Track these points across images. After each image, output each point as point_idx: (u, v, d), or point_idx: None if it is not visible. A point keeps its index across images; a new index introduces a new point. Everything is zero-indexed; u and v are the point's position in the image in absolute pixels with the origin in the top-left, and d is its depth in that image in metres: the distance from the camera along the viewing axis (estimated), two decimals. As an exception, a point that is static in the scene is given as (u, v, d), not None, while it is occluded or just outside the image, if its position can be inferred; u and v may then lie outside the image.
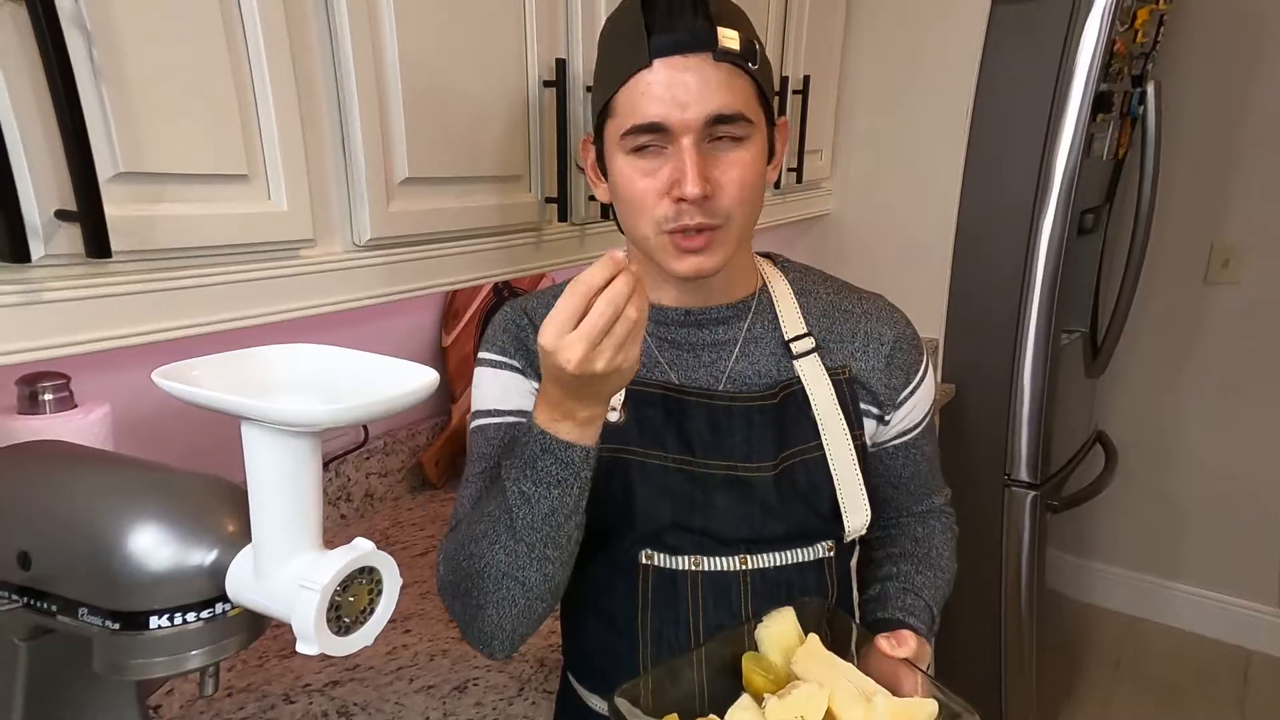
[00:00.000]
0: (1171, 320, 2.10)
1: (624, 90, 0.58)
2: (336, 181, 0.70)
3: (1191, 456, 2.15)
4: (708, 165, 0.58)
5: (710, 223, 0.59)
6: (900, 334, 0.71)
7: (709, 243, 0.60)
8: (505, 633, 0.61)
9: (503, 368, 0.69)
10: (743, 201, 0.60)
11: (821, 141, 1.61)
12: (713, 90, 0.56)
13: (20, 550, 0.47)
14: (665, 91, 0.56)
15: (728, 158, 0.58)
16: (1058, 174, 1.45)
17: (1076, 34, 1.38)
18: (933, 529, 0.78)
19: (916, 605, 0.71)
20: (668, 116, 0.56)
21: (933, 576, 0.73)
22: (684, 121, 0.56)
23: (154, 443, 0.86)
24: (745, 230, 0.62)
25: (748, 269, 0.70)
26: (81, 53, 0.50)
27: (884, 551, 0.77)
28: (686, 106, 0.56)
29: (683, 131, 0.57)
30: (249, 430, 0.41)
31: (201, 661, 0.47)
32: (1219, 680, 2.05)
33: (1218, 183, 1.99)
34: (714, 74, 0.56)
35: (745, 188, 0.59)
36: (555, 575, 0.60)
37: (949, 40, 1.52)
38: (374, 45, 0.69)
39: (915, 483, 0.77)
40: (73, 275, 0.52)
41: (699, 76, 0.56)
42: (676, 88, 0.56)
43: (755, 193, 0.61)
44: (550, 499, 0.56)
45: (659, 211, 0.59)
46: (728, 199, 0.59)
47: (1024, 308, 1.53)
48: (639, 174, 0.59)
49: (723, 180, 0.58)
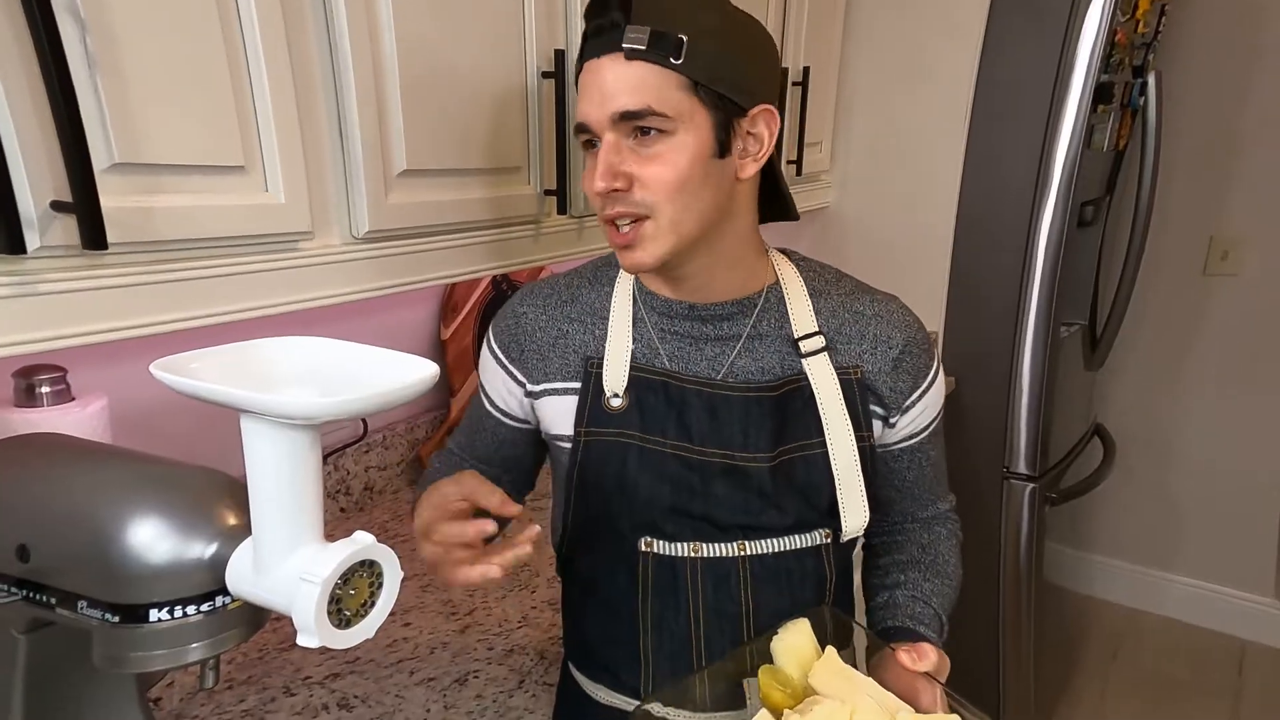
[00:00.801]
0: (1171, 313, 2.11)
1: (579, 92, 0.62)
2: (334, 173, 0.70)
3: (1190, 449, 2.16)
4: (625, 160, 0.59)
5: (630, 211, 0.60)
6: (910, 338, 0.69)
7: (637, 236, 0.61)
8: None
9: (498, 362, 0.73)
10: (668, 195, 0.59)
11: (821, 134, 1.60)
12: (619, 89, 0.58)
13: (19, 543, 0.47)
14: (588, 92, 0.60)
15: (644, 152, 0.59)
16: (1058, 165, 1.45)
17: (1077, 24, 1.37)
18: (938, 535, 0.77)
19: (926, 614, 0.70)
20: (588, 115, 0.60)
21: (940, 584, 0.73)
22: (599, 120, 0.59)
23: (152, 436, 0.86)
24: (685, 225, 0.61)
25: (751, 266, 0.68)
26: (75, 41, 0.49)
27: (890, 559, 0.76)
28: (600, 105, 0.59)
29: (601, 129, 0.59)
30: (248, 423, 0.41)
31: (201, 654, 0.47)
32: (1215, 671, 2.07)
33: (1218, 174, 1.99)
34: (625, 73, 0.58)
35: (668, 181, 0.59)
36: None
37: (949, 31, 1.51)
38: (371, 36, 0.69)
39: (920, 487, 0.76)
40: (69, 267, 0.52)
41: (612, 75, 0.58)
42: (592, 89, 0.59)
43: (685, 185, 0.59)
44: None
45: (595, 204, 0.62)
46: (646, 192, 0.60)
47: (1023, 300, 1.53)
48: (587, 170, 0.62)
49: (641, 174, 0.59)
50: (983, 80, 1.50)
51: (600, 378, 0.67)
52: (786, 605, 0.67)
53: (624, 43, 0.57)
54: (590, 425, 0.66)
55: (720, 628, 0.66)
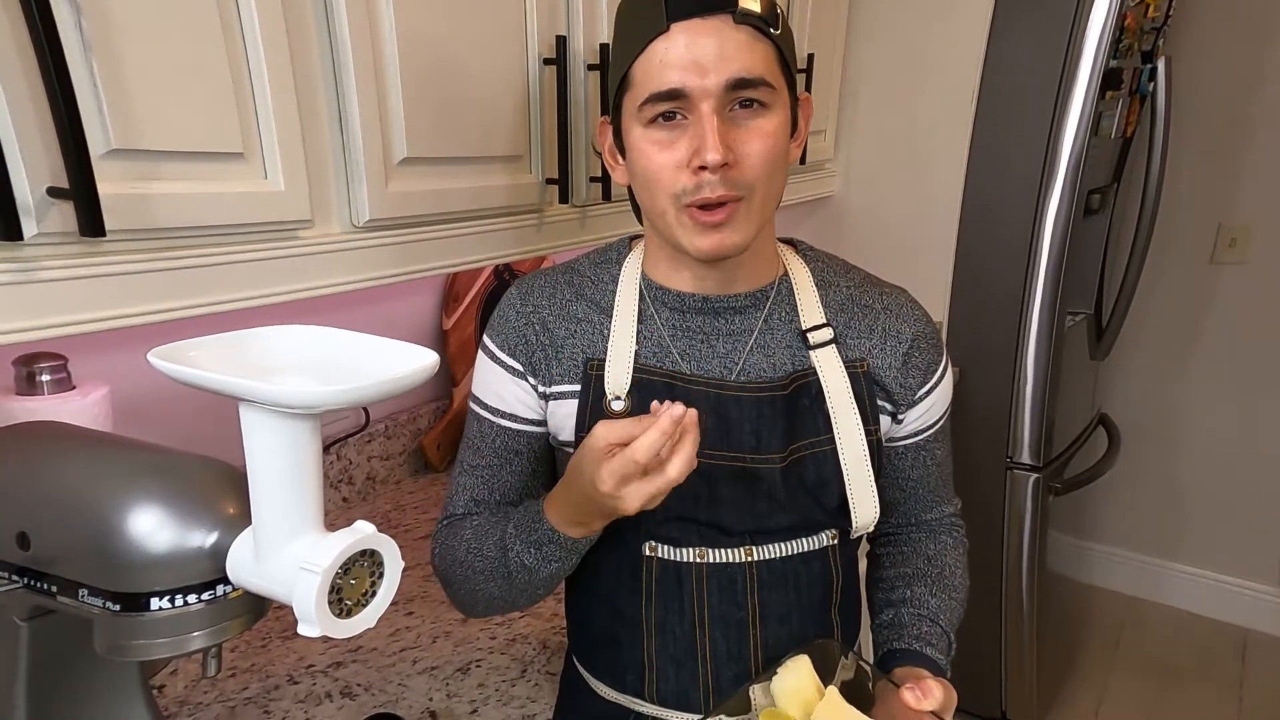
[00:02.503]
0: (1177, 301, 2.09)
1: (641, 59, 0.55)
2: (334, 161, 0.69)
3: (1195, 438, 2.15)
4: (729, 133, 0.55)
5: (732, 194, 0.56)
6: (919, 332, 0.68)
7: (730, 216, 0.57)
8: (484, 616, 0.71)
9: (501, 366, 0.68)
10: (766, 174, 0.57)
11: (825, 122, 1.59)
12: (733, 53, 0.53)
13: (19, 531, 0.47)
14: (684, 56, 0.53)
15: (750, 126, 0.56)
16: (1065, 153, 1.43)
17: (1086, 9, 1.35)
18: (944, 545, 0.75)
19: (933, 633, 0.68)
20: (686, 82, 0.54)
21: (947, 599, 0.71)
22: (703, 87, 0.54)
23: (153, 424, 0.86)
24: (768, 206, 0.60)
25: (770, 255, 0.67)
26: (70, 25, 0.48)
27: (895, 571, 0.74)
28: (706, 71, 0.53)
29: (702, 97, 0.54)
30: (248, 412, 0.41)
31: (203, 643, 0.47)
32: (1218, 660, 2.07)
33: (1227, 161, 1.97)
34: (734, 36, 0.53)
35: (769, 159, 0.56)
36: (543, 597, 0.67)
37: (955, 17, 1.49)
38: (371, 21, 0.68)
39: (924, 488, 0.74)
40: (67, 254, 0.52)
41: (719, 39, 0.53)
42: (695, 51, 0.53)
43: (779, 166, 0.58)
44: (550, 570, 0.62)
45: (678, 184, 0.57)
46: (750, 170, 0.56)
47: (1029, 289, 1.52)
48: (657, 146, 0.57)
49: (745, 150, 0.56)
50: (989, 67, 1.48)
51: (601, 380, 0.64)
52: (792, 609, 0.66)
53: (740, 4, 0.53)
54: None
55: (725, 633, 0.65)
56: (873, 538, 0.81)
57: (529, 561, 0.61)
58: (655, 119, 0.57)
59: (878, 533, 0.79)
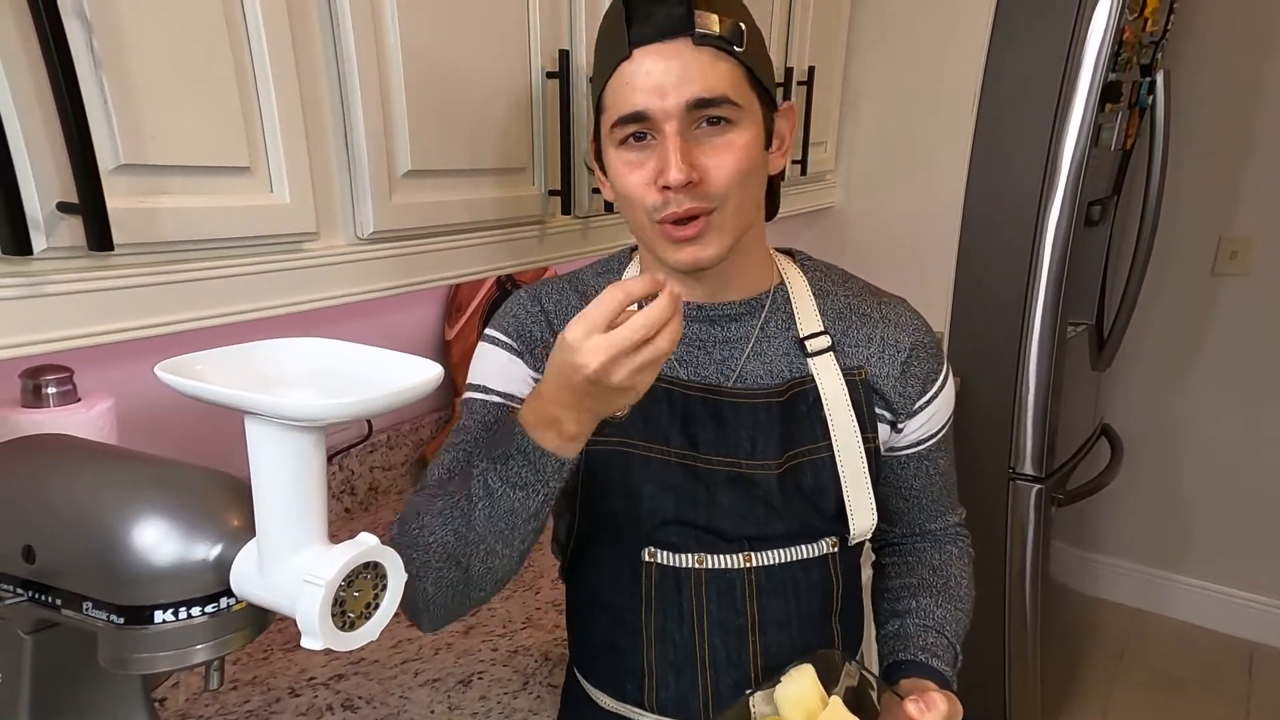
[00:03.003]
0: (1179, 312, 2.09)
1: (610, 83, 0.58)
2: (339, 174, 0.70)
3: (1198, 449, 2.14)
4: (694, 151, 0.57)
5: (700, 206, 0.58)
6: (918, 341, 0.68)
7: (701, 231, 0.58)
8: (436, 609, 0.60)
9: (503, 348, 0.68)
10: (735, 185, 0.58)
11: (826, 133, 1.60)
12: (694, 75, 0.55)
13: (24, 544, 0.47)
14: (645, 80, 0.56)
15: (715, 142, 0.57)
16: (1065, 165, 1.44)
17: (1085, 22, 1.37)
18: (949, 555, 0.75)
19: (939, 644, 0.68)
20: (649, 105, 0.56)
21: (953, 610, 0.71)
22: (664, 109, 0.56)
23: (157, 437, 0.86)
24: (742, 217, 0.61)
25: (762, 263, 0.68)
26: (81, 42, 0.49)
27: (900, 581, 0.74)
28: (666, 93, 0.55)
29: (664, 119, 0.56)
30: (252, 425, 0.41)
31: (206, 656, 0.47)
32: (1223, 673, 2.05)
33: (1227, 173, 1.97)
34: (694, 58, 0.55)
35: (736, 172, 0.58)
36: (499, 569, 0.59)
37: (955, 30, 1.51)
38: (376, 36, 0.69)
39: (928, 498, 0.74)
40: (75, 268, 0.52)
41: (680, 61, 0.55)
42: (655, 75, 0.55)
43: (749, 177, 0.59)
44: (512, 499, 0.55)
45: (649, 201, 0.59)
46: (717, 183, 0.57)
47: (1030, 300, 1.52)
48: (629, 166, 0.59)
49: (710, 165, 0.57)
50: (989, 79, 1.49)
51: None
52: (792, 616, 0.66)
53: (697, 27, 0.54)
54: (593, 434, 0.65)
55: (725, 639, 0.65)
56: (877, 548, 0.81)
57: (492, 482, 0.55)
58: (626, 140, 0.59)
59: (882, 543, 0.79)
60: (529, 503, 0.55)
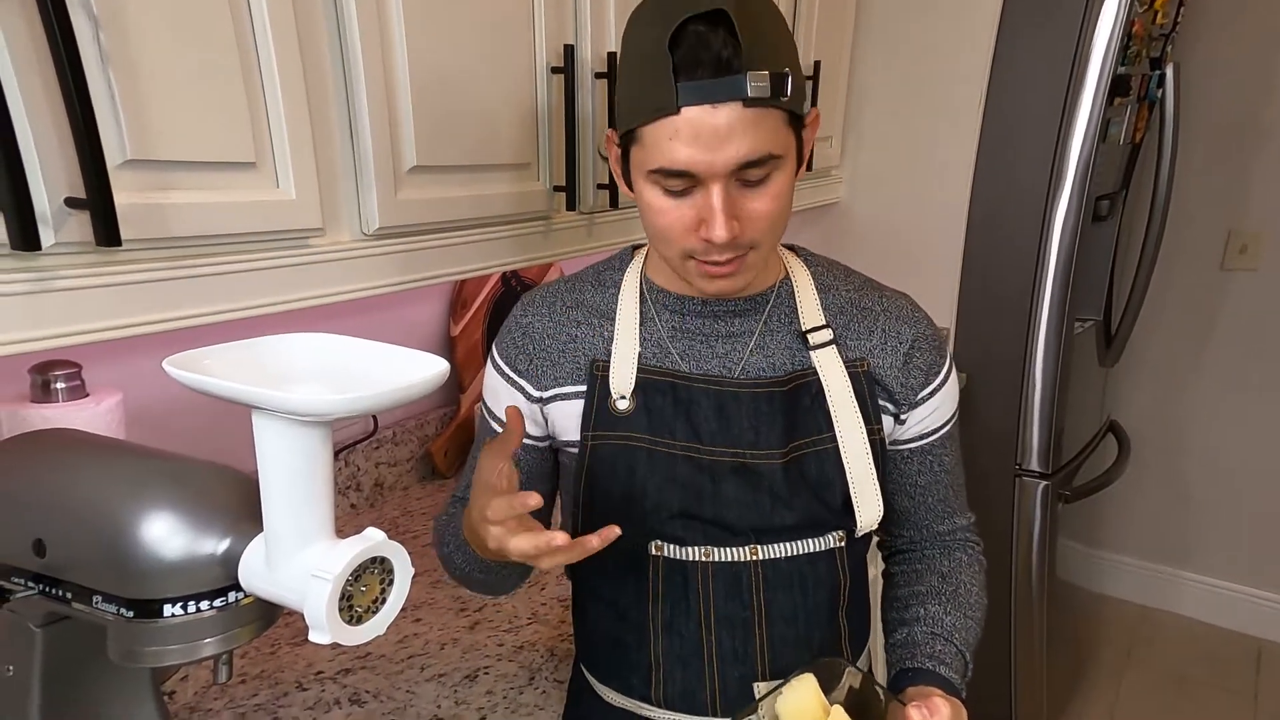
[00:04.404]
0: (1187, 308, 2.08)
1: (650, 127, 0.56)
2: (345, 170, 0.70)
3: (1205, 446, 2.13)
4: (735, 205, 0.57)
5: (739, 254, 0.59)
6: (920, 333, 0.69)
7: (739, 268, 0.60)
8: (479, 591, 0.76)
9: (502, 376, 0.72)
10: (771, 229, 0.60)
11: (832, 129, 1.59)
12: (741, 136, 0.54)
13: (35, 538, 0.47)
14: (692, 140, 0.54)
15: (756, 192, 0.58)
16: (1072, 159, 1.43)
17: (1094, 15, 1.35)
18: (959, 562, 0.74)
19: (948, 652, 0.67)
20: (694, 164, 0.55)
21: (962, 617, 0.70)
22: (711, 169, 0.55)
23: (165, 432, 0.86)
24: (774, 248, 0.64)
25: (771, 260, 0.68)
26: (88, 38, 0.49)
27: (909, 589, 0.73)
28: (714, 155, 0.54)
29: (711, 178, 0.56)
30: (260, 420, 0.41)
31: (215, 649, 0.47)
32: (1231, 670, 2.05)
33: (1237, 167, 1.96)
34: (742, 119, 0.54)
35: (775, 215, 0.59)
36: (511, 578, 0.72)
37: (962, 23, 1.50)
38: (381, 31, 0.69)
39: (934, 495, 0.74)
40: (83, 263, 0.52)
41: (727, 123, 0.54)
42: (705, 136, 0.54)
43: (784, 214, 0.60)
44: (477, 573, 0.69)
45: (687, 244, 0.59)
46: (756, 229, 0.59)
47: (1036, 296, 1.52)
48: (667, 207, 0.59)
49: (751, 210, 0.58)
50: (996, 73, 1.48)
51: (606, 380, 0.66)
52: (798, 610, 0.66)
53: (750, 92, 0.53)
54: (597, 429, 0.65)
55: (732, 633, 0.65)
56: (887, 556, 0.80)
57: (458, 560, 0.69)
58: (670, 189, 0.58)
59: (892, 550, 0.79)
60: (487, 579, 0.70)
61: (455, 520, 0.71)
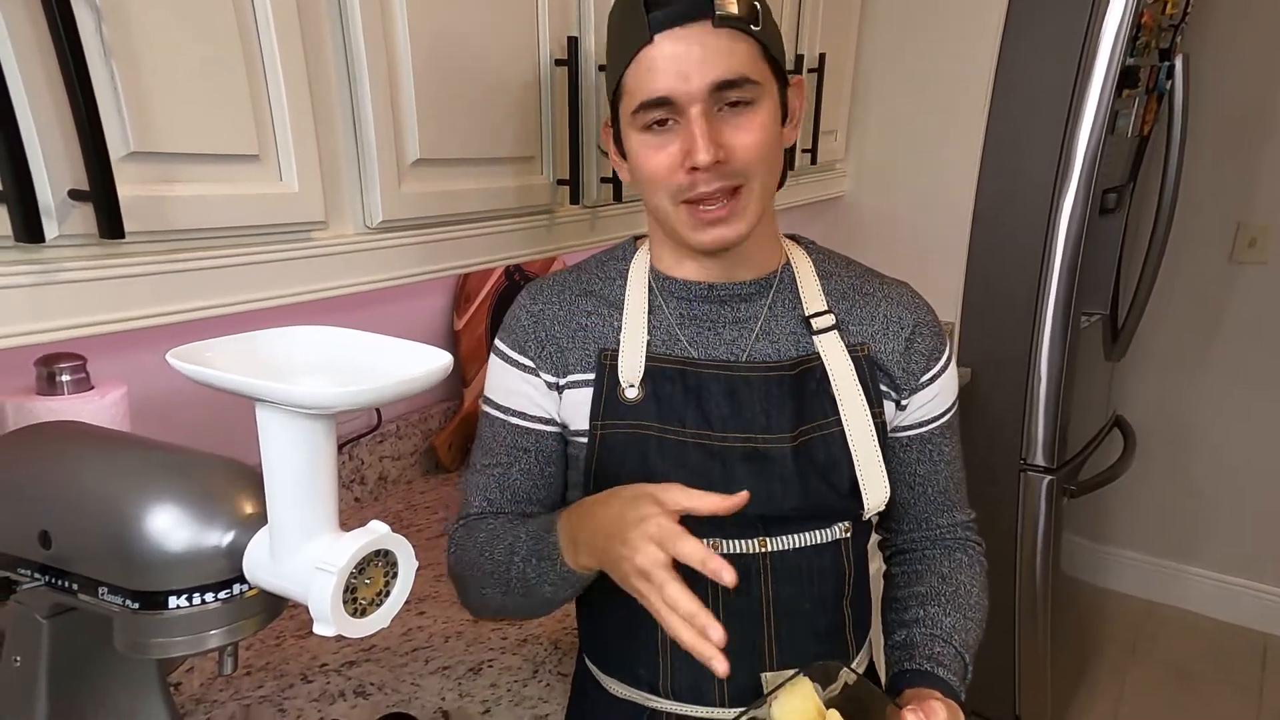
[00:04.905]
0: (1195, 301, 2.06)
1: (630, 68, 0.59)
2: (348, 163, 0.70)
3: (1212, 440, 2.12)
4: (718, 131, 0.58)
5: (729, 184, 0.59)
6: (921, 319, 0.69)
7: (731, 211, 0.60)
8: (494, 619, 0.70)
9: (514, 365, 0.69)
10: (759, 160, 0.60)
11: (837, 122, 1.58)
12: (715, 57, 0.56)
13: (41, 529, 0.48)
14: (668, 64, 0.56)
15: (738, 120, 0.59)
16: (1080, 152, 1.42)
17: (1102, 6, 1.34)
18: (959, 563, 0.73)
19: (946, 654, 0.66)
20: (673, 89, 0.57)
21: (961, 619, 0.69)
22: (688, 92, 0.57)
23: (170, 424, 0.87)
24: (766, 193, 0.63)
25: (772, 242, 0.69)
26: (91, 31, 0.49)
27: (909, 590, 0.73)
28: (689, 77, 0.56)
29: (689, 102, 0.57)
30: (264, 412, 0.41)
31: (220, 641, 0.47)
32: (1236, 665, 2.04)
33: (1246, 160, 1.94)
34: (714, 41, 0.56)
35: (759, 147, 0.59)
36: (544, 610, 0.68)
37: (969, 15, 1.48)
38: (385, 24, 0.68)
39: (933, 487, 0.73)
40: (87, 256, 0.52)
41: (700, 45, 0.56)
42: (679, 59, 0.56)
43: (771, 152, 0.61)
44: (545, 591, 0.62)
45: (674, 183, 0.60)
46: (743, 160, 0.59)
47: (1042, 290, 1.51)
48: (652, 150, 0.60)
49: (735, 143, 0.58)
50: (1003, 64, 1.47)
51: (615, 369, 0.66)
52: (805, 601, 0.66)
53: (717, 9, 0.55)
54: (606, 418, 0.65)
55: (739, 625, 0.65)
56: (888, 557, 0.80)
57: (530, 574, 0.62)
58: (649, 125, 0.60)
59: (893, 550, 0.79)
60: (559, 594, 0.62)
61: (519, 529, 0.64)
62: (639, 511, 0.52)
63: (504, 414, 0.70)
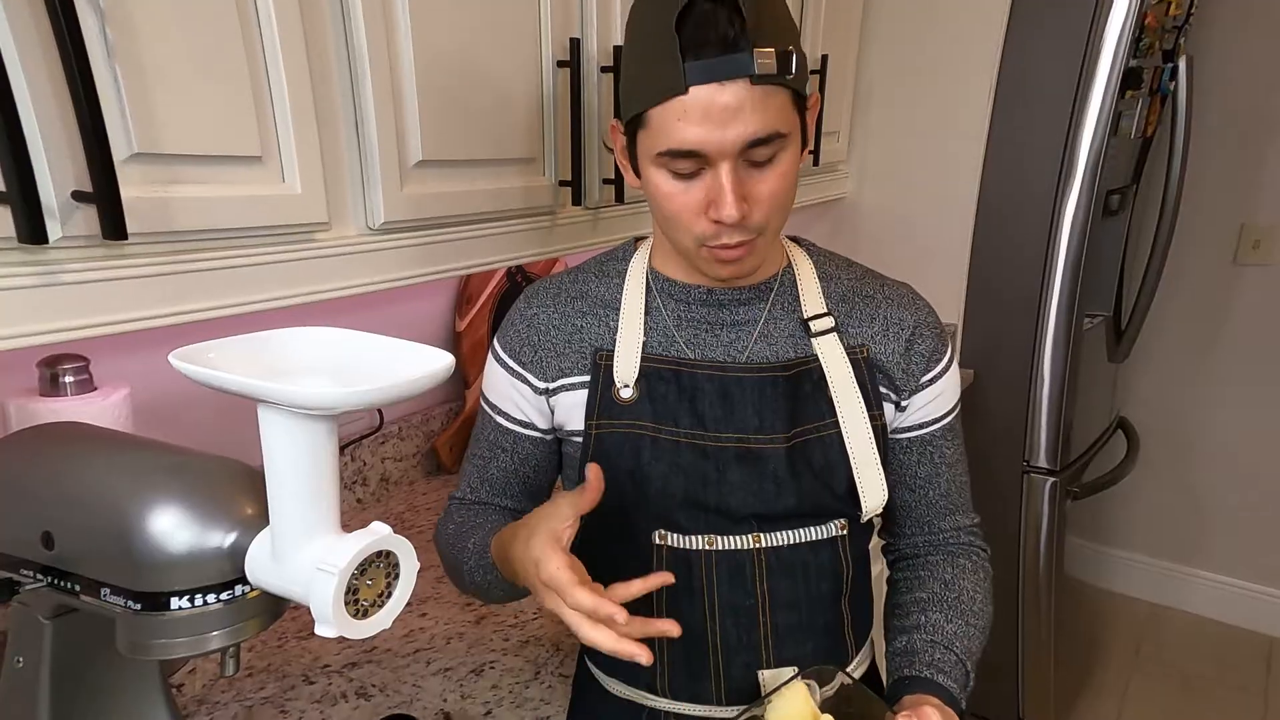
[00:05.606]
0: (1199, 303, 2.06)
1: (658, 109, 0.56)
2: (350, 165, 0.70)
3: (1216, 442, 2.11)
4: (744, 185, 0.57)
5: (749, 237, 0.60)
6: (921, 320, 0.69)
7: (749, 250, 0.61)
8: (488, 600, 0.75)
9: (505, 369, 0.71)
10: (781, 210, 0.61)
11: (839, 124, 1.58)
12: (749, 114, 0.54)
13: (43, 530, 0.48)
14: (702, 119, 0.54)
15: (764, 173, 0.58)
16: (1083, 153, 1.42)
17: (1105, 8, 1.34)
18: (962, 569, 0.72)
19: (947, 661, 0.65)
20: (704, 144, 0.55)
21: (964, 625, 0.68)
22: (720, 148, 0.55)
23: (172, 425, 0.87)
24: (780, 230, 0.64)
25: (774, 250, 0.69)
26: (95, 32, 0.49)
27: (910, 596, 0.72)
28: (724, 134, 0.55)
29: (720, 157, 0.56)
30: (266, 413, 0.41)
31: (222, 642, 0.47)
32: (1241, 668, 2.03)
33: (1250, 161, 1.93)
34: (750, 96, 0.54)
35: (782, 195, 0.60)
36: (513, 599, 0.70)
37: (972, 15, 1.48)
38: (387, 25, 0.69)
39: (935, 489, 0.73)
40: (90, 257, 0.52)
41: (735, 101, 0.54)
42: (712, 116, 0.54)
43: (791, 194, 0.61)
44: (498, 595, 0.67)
45: (697, 229, 0.60)
46: (764, 211, 0.59)
47: (1045, 291, 1.50)
48: (675, 190, 0.59)
49: (759, 195, 0.58)
50: (1006, 66, 1.47)
51: (610, 369, 0.66)
52: (801, 598, 0.66)
53: (756, 69, 0.53)
54: (601, 418, 0.66)
55: (736, 621, 0.66)
56: (890, 562, 0.79)
57: (479, 579, 0.67)
58: (675, 170, 0.58)
59: (895, 555, 0.78)
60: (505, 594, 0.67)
61: (472, 533, 0.68)
62: (531, 554, 0.54)
63: (492, 411, 0.73)
